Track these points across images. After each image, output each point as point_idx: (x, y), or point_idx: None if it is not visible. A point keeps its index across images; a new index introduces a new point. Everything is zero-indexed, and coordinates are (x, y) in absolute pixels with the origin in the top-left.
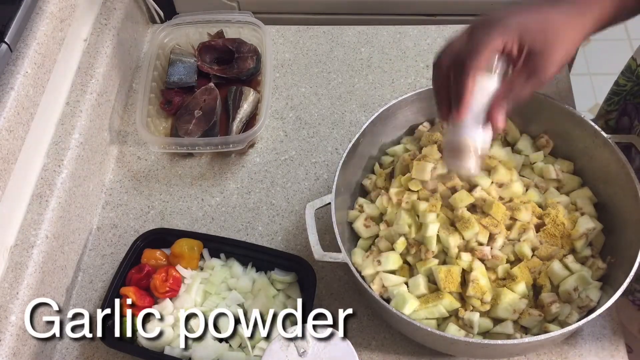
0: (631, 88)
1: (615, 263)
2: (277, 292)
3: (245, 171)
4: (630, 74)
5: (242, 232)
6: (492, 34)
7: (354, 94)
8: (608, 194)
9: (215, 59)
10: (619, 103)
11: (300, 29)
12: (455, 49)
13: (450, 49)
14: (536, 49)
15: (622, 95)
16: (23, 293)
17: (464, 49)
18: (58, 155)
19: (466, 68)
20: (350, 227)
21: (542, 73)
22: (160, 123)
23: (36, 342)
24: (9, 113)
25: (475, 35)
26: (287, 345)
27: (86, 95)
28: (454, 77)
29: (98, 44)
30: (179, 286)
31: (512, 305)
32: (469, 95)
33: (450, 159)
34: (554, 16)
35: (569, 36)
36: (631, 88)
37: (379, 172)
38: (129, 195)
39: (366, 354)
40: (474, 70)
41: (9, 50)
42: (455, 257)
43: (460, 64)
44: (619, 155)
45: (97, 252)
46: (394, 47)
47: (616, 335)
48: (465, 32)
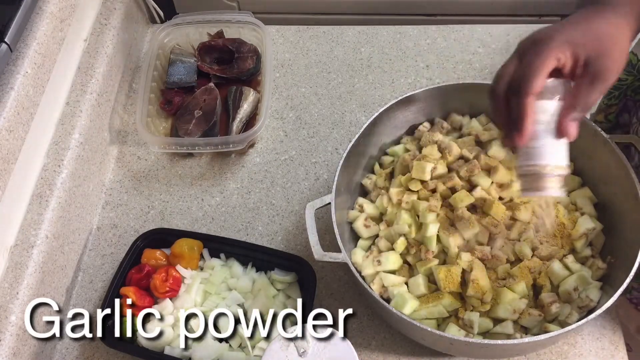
0: (632, 82)
1: (615, 263)
2: (277, 292)
3: (245, 171)
4: (631, 68)
5: (242, 232)
6: (544, 54)
7: (354, 94)
8: (608, 194)
9: (215, 59)
10: (619, 97)
11: (300, 29)
12: (509, 75)
13: (504, 75)
14: (593, 54)
15: (622, 90)
16: (23, 293)
17: (518, 74)
18: (58, 155)
19: (522, 94)
20: (350, 227)
21: (606, 74)
22: (160, 123)
23: (36, 342)
24: (9, 113)
25: (527, 58)
26: (287, 345)
27: (86, 95)
28: (512, 104)
29: (98, 44)
30: (179, 286)
31: (512, 305)
32: (529, 121)
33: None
34: (599, 23)
35: (620, 38)
36: (632, 82)
37: (379, 172)
38: (129, 195)
39: (366, 354)
40: (530, 95)
41: (9, 50)
42: (455, 257)
43: (517, 89)
44: (619, 155)
45: (97, 252)
46: (394, 47)
47: (616, 335)
48: (515, 56)
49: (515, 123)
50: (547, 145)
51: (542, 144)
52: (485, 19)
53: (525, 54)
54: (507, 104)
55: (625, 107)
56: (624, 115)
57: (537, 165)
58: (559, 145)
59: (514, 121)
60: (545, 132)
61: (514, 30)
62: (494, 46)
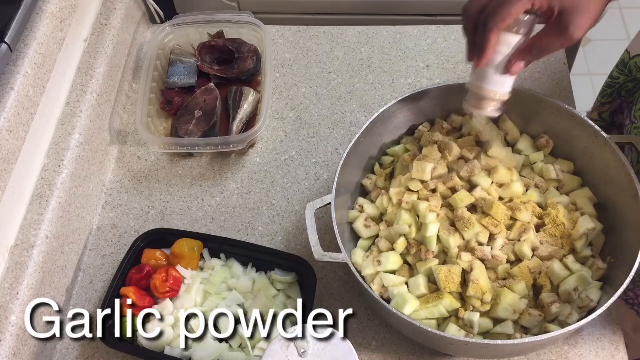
0: (624, 81)
1: (615, 263)
2: (277, 292)
3: (245, 171)
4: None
5: (242, 232)
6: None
7: (354, 94)
8: (608, 194)
9: (215, 59)
10: (612, 95)
11: (300, 29)
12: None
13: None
14: (567, 7)
15: (615, 88)
16: (23, 293)
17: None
18: (58, 155)
19: (491, 24)
20: (350, 227)
21: (574, 30)
22: (160, 123)
23: (36, 342)
24: (9, 113)
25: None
26: (287, 345)
27: (86, 95)
28: (479, 28)
29: (98, 44)
30: (179, 286)
31: (512, 305)
32: (490, 50)
33: (472, 101)
34: None
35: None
36: (624, 81)
37: (379, 172)
38: (129, 195)
39: (366, 354)
40: (497, 27)
41: (9, 50)
42: (455, 257)
43: (486, 17)
44: (619, 155)
45: (97, 252)
46: (394, 47)
47: (616, 335)
48: None
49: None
50: (498, 74)
51: (494, 71)
52: None
53: None
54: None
55: (620, 108)
56: (619, 116)
57: (484, 88)
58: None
59: (477, 45)
60: (501, 61)
61: None
62: None
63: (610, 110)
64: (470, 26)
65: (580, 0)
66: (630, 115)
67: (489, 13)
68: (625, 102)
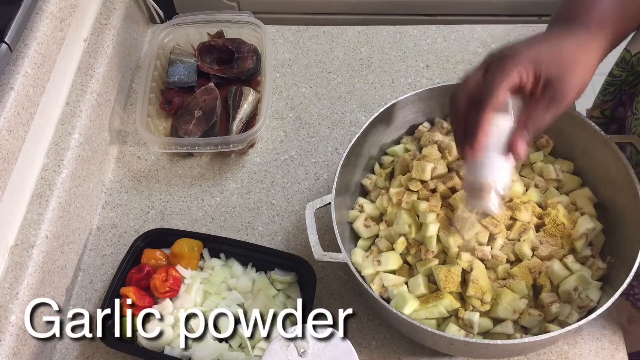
0: (626, 77)
1: (615, 263)
2: (277, 292)
3: (245, 171)
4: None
5: (242, 232)
6: (507, 69)
7: (354, 94)
8: (608, 194)
9: (215, 59)
10: (614, 93)
11: (300, 29)
12: (472, 87)
13: (466, 86)
14: (552, 76)
15: (617, 85)
16: (23, 293)
17: (480, 87)
18: (58, 155)
19: (482, 107)
20: (350, 227)
21: (562, 98)
22: (160, 123)
23: (36, 342)
24: (9, 113)
25: (491, 71)
26: (287, 345)
27: (86, 95)
28: (470, 115)
29: (98, 44)
30: (179, 286)
31: (512, 305)
32: (483, 135)
33: (470, 198)
34: (568, 44)
35: (584, 61)
36: (626, 77)
37: (379, 172)
38: (129, 195)
39: (366, 354)
40: (489, 110)
41: (9, 50)
42: (455, 257)
43: (477, 102)
44: (619, 155)
45: (97, 252)
46: (394, 47)
47: (616, 335)
48: (481, 68)
49: (470, 134)
50: (495, 162)
51: (490, 159)
52: (485, 19)
53: (490, 67)
54: (465, 114)
55: (621, 101)
56: (619, 109)
57: (483, 177)
58: (505, 163)
59: (469, 132)
60: (496, 148)
61: (513, 30)
62: (494, 46)
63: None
64: (460, 113)
65: (565, 67)
66: (632, 107)
67: (480, 94)
68: (626, 94)
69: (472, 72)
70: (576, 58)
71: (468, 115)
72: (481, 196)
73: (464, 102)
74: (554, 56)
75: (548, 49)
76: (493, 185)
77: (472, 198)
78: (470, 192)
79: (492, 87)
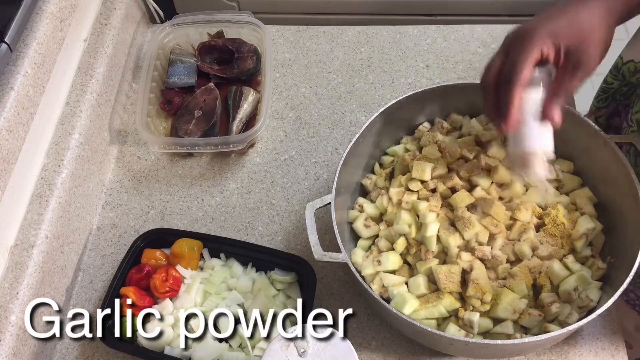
0: (618, 87)
1: (615, 263)
2: (277, 292)
3: (245, 171)
4: (617, 72)
5: (242, 232)
6: (527, 47)
7: (354, 94)
8: (608, 194)
9: (215, 59)
10: (607, 100)
11: (300, 29)
12: (496, 68)
13: (491, 69)
14: (573, 45)
15: (609, 93)
16: (23, 293)
17: (504, 67)
18: (58, 155)
19: (510, 86)
20: (350, 227)
21: (585, 63)
22: (160, 123)
23: (36, 342)
24: (9, 113)
25: (512, 52)
26: (287, 345)
27: (86, 95)
28: (501, 95)
29: (98, 44)
30: (179, 286)
31: (512, 305)
32: (515, 110)
33: (519, 170)
34: (583, 13)
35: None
36: (618, 87)
37: (379, 172)
38: (129, 195)
39: (366, 354)
40: (517, 87)
41: (9, 50)
42: (455, 257)
43: (504, 82)
44: (619, 155)
45: (97, 252)
46: (394, 47)
47: (616, 335)
48: (502, 50)
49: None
50: (534, 131)
51: (530, 129)
52: (485, 19)
53: (511, 48)
54: (496, 95)
55: (616, 111)
56: (616, 119)
57: (527, 148)
58: (544, 131)
59: (502, 110)
60: (532, 119)
61: None
62: (494, 46)
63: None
64: (491, 96)
65: (584, 35)
66: (627, 119)
67: (507, 73)
68: (621, 105)
69: (495, 57)
70: (592, 25)
71: (498, 96)
72: (529, 165)
73: (492, 84)
74: (571, 27)
75: (564, 21)
76: (539, 153)
77: (521, 169)
78: (518, 165)
79: (517, 66)
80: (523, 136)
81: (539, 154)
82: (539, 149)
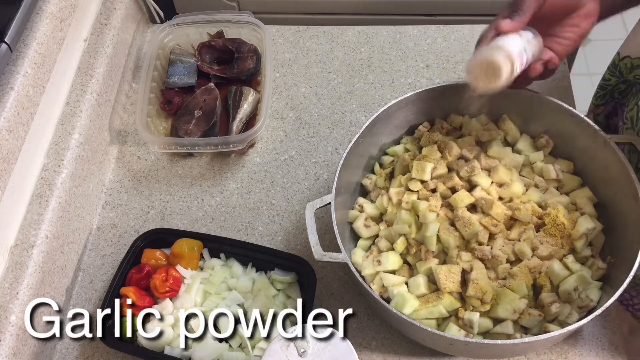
0: (616, 83)
1: (615, 263)
2: (277, 292)
3: (245, 171)
4: (614, 68)
5: (242, 232)
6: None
7: (354, 94)
8: (608, 194)
9: (215, 59)
10: (605, 97)
11: (300, 29)
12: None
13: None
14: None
15: (607, 90)
16: (23, 293)
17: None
18: (58, 155)
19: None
20: (350, 227)
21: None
22: (160, 123)
23: (36, 342)
24: (9, 113)
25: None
26: (287, 345)
27: (86, 95)
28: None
29: (98, 44)
30: (179, 286)
31: (512, 305)
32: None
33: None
34: None
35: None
36: (616, 83)
37: (379, 172)
38: (129, 195)
39: (366, 354)
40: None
41: (9, 50)
42: (455, 257)
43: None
44: (619, 155)
45: (97, 252)
46: (394, 47)
47: (616, 335)
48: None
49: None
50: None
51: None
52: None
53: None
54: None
55: (614, 110)
56: (614, 118)
57: (505, 50)
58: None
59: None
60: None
61: None
62: None
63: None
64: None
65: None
66: (622, 117)
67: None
68: (618, 104)
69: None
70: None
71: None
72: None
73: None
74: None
75: None
76: (510, 61)
77: (482, 73)
78: (482, 68)
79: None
80: (510, 40)
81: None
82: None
